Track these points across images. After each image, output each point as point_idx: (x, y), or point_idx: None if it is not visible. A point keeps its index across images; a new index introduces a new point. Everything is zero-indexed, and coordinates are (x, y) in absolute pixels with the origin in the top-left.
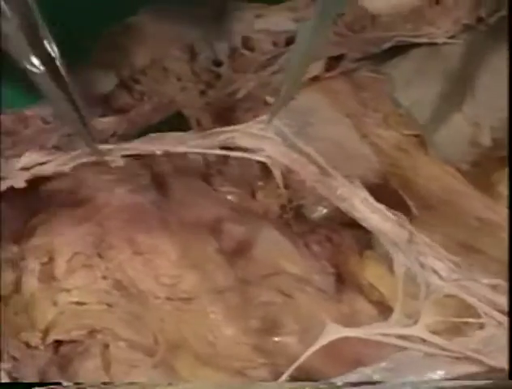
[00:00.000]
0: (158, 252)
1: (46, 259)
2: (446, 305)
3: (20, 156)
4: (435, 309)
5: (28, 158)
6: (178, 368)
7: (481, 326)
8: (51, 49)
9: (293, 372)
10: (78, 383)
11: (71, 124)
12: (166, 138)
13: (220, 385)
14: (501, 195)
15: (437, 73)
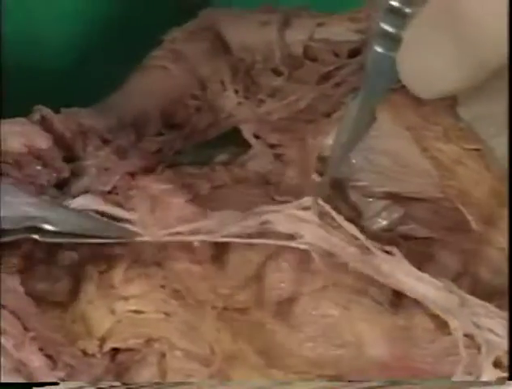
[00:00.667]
0: (215, 262)
1: (105, 267)
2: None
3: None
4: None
5: (82, 201)
6: (234, 379)
7: None
8: None
9: None
10: (126, 384)
11: None
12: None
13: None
14: None
15: (500, 88)
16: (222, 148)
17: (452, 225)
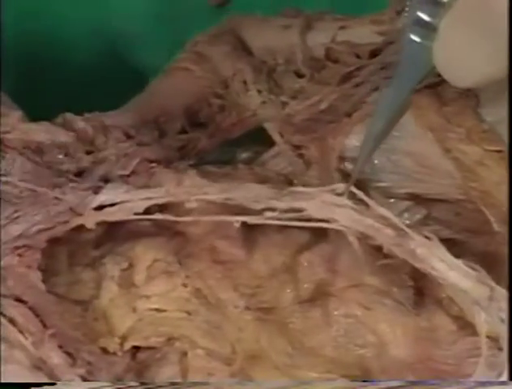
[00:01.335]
0: (238, 261)
1: (126, 265)
2: None
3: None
4: None
5: (105, 196)
6: (255, 378)
7: None
8: None
9: None
10: (145, 383)
11: None
12: (242, 190)
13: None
14: None
15: None
16: (245, 147)
17: (474, 227)
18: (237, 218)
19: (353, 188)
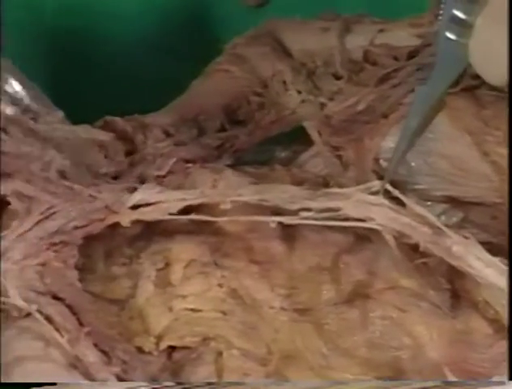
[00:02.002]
0: (274, 262)
1: (162, 265)
2: None
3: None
4: None
5: (140, 196)
6: (290, 378)
7: None
8: None
9: None
10: (181, 383)
11: None
12: (276, 191)
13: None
14: None
15: None
16: (283, 146)
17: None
18: (273, 218)
19: (389, 186)
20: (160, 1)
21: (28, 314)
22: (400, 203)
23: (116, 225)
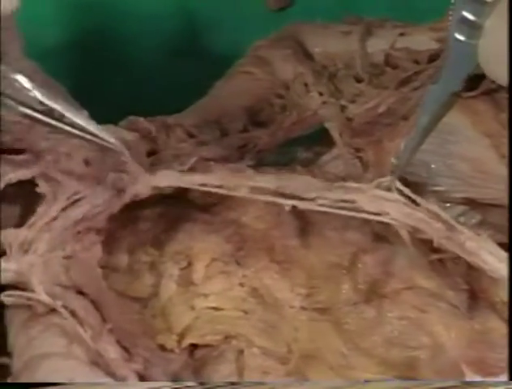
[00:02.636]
0: (295, 261)
1: (185, 264)
2: None
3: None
4: None
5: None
6: (310, 377)
7: None
8: None
9: None
10: (203, 383)
11: None
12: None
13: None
14: None
15: None
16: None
17: None
18: (289, 202)
19: (399, 184)
20: (184, 2)
21: (52, 310)
22: (415, 202)
23: (139, 219)
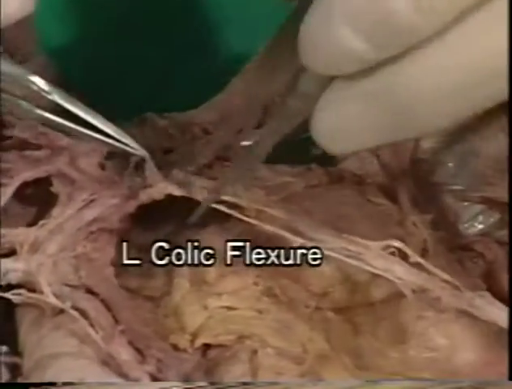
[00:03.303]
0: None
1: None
2: None
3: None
4: None
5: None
6: (326, 378)
7: None
8: None
9: None
10: (214, 383)
11: None
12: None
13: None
14: None
15: None
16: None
17: None
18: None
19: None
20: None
21: (62, 310)
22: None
23: (152, 220)
